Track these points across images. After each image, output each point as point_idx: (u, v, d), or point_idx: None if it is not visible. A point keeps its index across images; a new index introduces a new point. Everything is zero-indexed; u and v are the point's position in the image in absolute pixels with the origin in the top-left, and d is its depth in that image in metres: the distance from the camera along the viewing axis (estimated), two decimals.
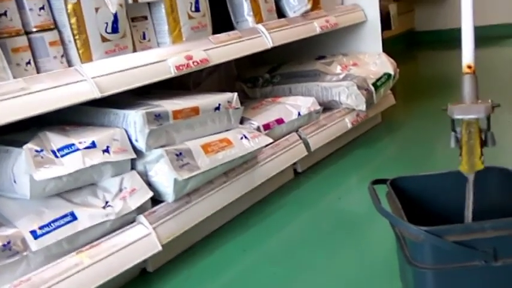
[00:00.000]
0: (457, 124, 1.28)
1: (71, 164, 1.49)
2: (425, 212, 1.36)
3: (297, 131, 2.34)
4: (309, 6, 2.51)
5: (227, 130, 1.94)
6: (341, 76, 2.62)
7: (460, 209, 1.36)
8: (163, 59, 1.77)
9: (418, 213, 1.28)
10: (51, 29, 1.57)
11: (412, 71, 4.45)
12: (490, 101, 1.31)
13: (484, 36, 5.17)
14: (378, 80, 2.69)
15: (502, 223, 1.13)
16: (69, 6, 1.59)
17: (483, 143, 1.27)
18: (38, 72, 1.55)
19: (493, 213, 1.33)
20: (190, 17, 1.96)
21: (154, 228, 1.62)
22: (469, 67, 1.38)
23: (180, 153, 1.70)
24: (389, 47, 3.00)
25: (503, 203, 1.34)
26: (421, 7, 5.63)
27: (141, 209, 1.64)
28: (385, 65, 2.83)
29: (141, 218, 1.62)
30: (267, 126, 2.19)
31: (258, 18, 2.28)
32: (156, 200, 1.71)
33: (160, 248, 1.60)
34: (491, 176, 1.38)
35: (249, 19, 2.27)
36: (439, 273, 1.14)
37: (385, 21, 4.51)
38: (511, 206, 1.30)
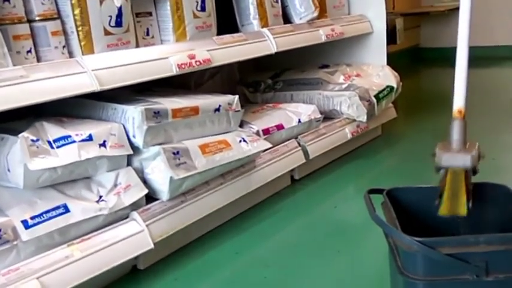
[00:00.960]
0: None
1: (66, 155, 1.48)
2: (420, 224, 1.35)
3: (296, 137, 2.33)
4: (316, 14, 2.51)
5: (226, 132, 1.93)
6: (343, 86, 2.62)
7: (454, 222, 1.35)
8: (165, 56, 1.77)
9: (412, 225, 1.27)
10: (54, 19, 1.57)
11: (415, 86, 4.45)
12: (477, 146, 1.35)
13: (486, 57, 5.20)
14: (380, 92, 2.69)
15: (496, 238, 1.12)
16: None
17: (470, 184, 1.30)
18: (38, 61, 1.54)
19: (487, 228, 1.32)
20: (195, 16, 1.96)
21: (147, 226, 1.60)
22: (460, 112, 1.40)
23: (178, 152, 1.69)
24: (394, 61, 3.00)
25: (499, 219, 1.33)
26: (427, 24, 5.64)
27: (135, 206, 1.63)
28: (388, 77, 2.82)
29: (135, 214, 1.61)
30: (266, 131, 2.18)
31: (264, 22, 2.28)
32: (151, 197, 1.70)
33: (152, 245, 1.59)
34: (488, 192, 1.38)
35: (254, 23, 2.27)
36: (430, 284, 1.12)
37: (391, 35, 4.51)
38: (507, 222, 1.29)
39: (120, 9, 1.68)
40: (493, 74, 4.87)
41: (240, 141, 1.91)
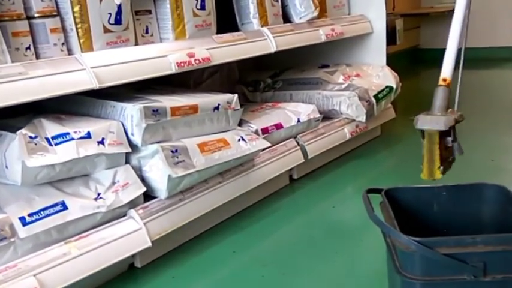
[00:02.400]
0: None
1: (65, 153, 1.47)
2: (418, 224, 1.35)
3: (295, 137, 2.33)
4: (316, 14, 2.51)
5: (225, 131, 1.93)
6: (343, 86, 2.62)
7: (453, 222, 1.35)
8: (165, 54, 1.77)
9: (410, 225, 1.27)
10: (53, 16, 1.57)
11: (415, 87, 4.44)
12: (458, 113, 1.36)
13: (488, 58, 5.20)
14: (379, 92, 2.69)
15: (494, 238, 1.11)
16: None
17: (449, 153, 1.32)
18: (37, 58, 1.54)
19: (485, 229, 1.32)
20: (195, 15, 1.96)
21: (145, 224, 1.60)
22: (444, 80, 1.45)
23: (176, 150, 1.69)
24: (393, 62, 2.99)
25: (498, 219, 1.33)
26: (427, 25, 5.64)
27: (133, 204, 1.62)
28: (387, 78, 2.82)
29: (133, 212, 1.61)
30: (265, 130, 2.18)
31: (264, 21, 2.27)
32: (149, 195, 1.69)
33: (150, 244, 1.59)
34: (487, 193, 1.38)
35: (254, 22, 2.27)
36: (427, 284, 1.12)
37: (391, 35, 4.51)
38: (505, 222, 1.29)
39: (119, 6, 1.68)
40: (494, 75, 4.88)
41: (239, 140, 1.91)
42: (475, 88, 4.36)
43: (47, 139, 1.47)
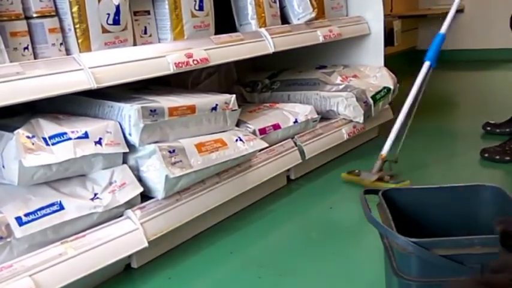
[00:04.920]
0: None
1: (62, 153, 1.47)
2: (415, 225, 1.35)
3: (292, 138, 2.33)
4: (314, 15, 2.51)
5: (223, 131, 1.93)
6: (340, 87, 2.62)
7: (450, 223, 1.35)
8: (163, 54, 1.77)
9: (408, 226, 1.27)
10: (51, 16, 1.56)
11: (411, 88, 4.44)
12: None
13: (485, 60, 5.21)
14: (377, 93, 2.69)
15: (491, 240, 1.11)
16: None
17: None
18: (36, 58, 1.54)
19: (483, 230, 1.32)
20: (193, 15, 1.96)
21: (141, 224, 1.60)
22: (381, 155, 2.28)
23: (173, 151, 1.69)
24: (391, 63, 3.00)
25: (495, 220, 1.33)
26: (424, 26, 5.65)
27: (129, 204, 1.62)
28: (385, 79, 2.83)
29: (129, 212, 1.61)
30: (262, 131, 2.18)
31: (262, 22, 2.28)
32: (146, 195, 1.69)
33: (146, 244, 1.59)
34: (484, 194, 1.38)
35: (252, 22, 2.27)
36: (424, 286, 1.12)
37: (389, 37, 4.51)
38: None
39: (118, 7, 1.68)
40: (489, 76, 4.89)
41: (237, 140, 1.91)
42: (469, 90, 4.37)
43: (44, 139, 1.47)
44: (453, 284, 0.86)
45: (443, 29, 2.38)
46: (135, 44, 1.81)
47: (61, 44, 1.59)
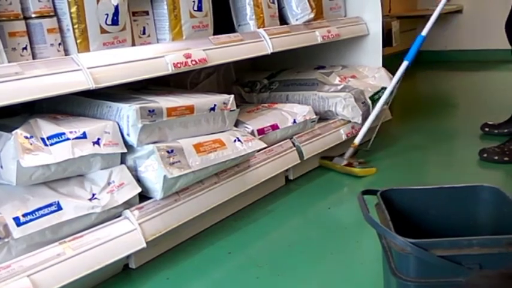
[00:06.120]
0: None
1: (60, 153, 1.47)
2: (414, 225, 1.35)
3: (291, 138, 2.33)
4: (312, 15, 2.51)
5: (221, 132, 1.93)
6: (339, 87, 2.62)
7: (448, 224, 1.35)
8: (161, 55, 1.77)
9: (406, 226, 1.27)
10: (50, 16, 1.56)
11: (410, 88, 4.45)
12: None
13: (484, 61, 5.21)
14: (375, 93, 2.69)
15: (489, 240, 1.11)
16: None
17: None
18: (34, 58, 1.54)
19: (481, 231, 1.33)
20: (192, 16, 1.96)
21: (140, 224, 1.60)
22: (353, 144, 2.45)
23: (172, 151, 1.69)
24: (389, 63, 3.00)
25: (493, 221, 1.33)
26: (422, 27, 5.64)
27: (128, 204, 1.62)
28: (383, 79, 2.83)
29: (128, 213, 1.61)
30: (261, 131, 2.18)
31: (260, 23, 2.28)
32: (144, 196, 1.69)
33: (144, 244, 1.59)
34: (482, 194, 1.38)
35: (251, 23, 2.27)
36: (422, 286, 1.12)
37: (387, 37, 4.52)
38: (500, 224, 1.29)
39: (116, 7, 1.68)
40: (486, 77, 4.90)
41: (235, 140, 1.91)
42: (468, 90, 4.38)
43: (43, 139, 1.47)
44: (476, 278, 0.86)
45: (425, 31, 2.50)
46: (133, 45, 1.81)
47: (60, 44, 1.59)
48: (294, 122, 2.33)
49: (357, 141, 2.46)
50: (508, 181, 2.31)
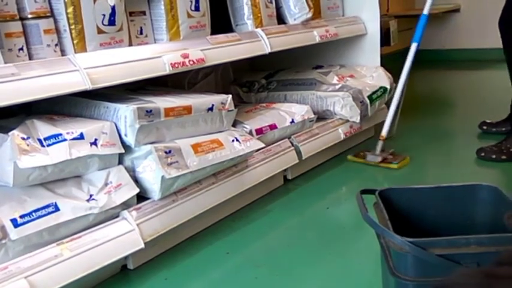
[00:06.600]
0: None
1: (57, 154, 1.47)
2: (412, 224, 1.35)
3: (289, 137, 2.33)
4: (310, 15, 2.51)
5: (219, 132, 1.92)
6: (337, 86, 2.62)
7: (446, 223, 1.35)
8: (159, 55, 1.76)
9: (404, 225, 1.27)
10: (46, 17, 1.56)
11: (408, 88, 4.43)
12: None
13: (481, 59, 5.21)
14: (373, 93, 2.69)
15: (487, 239, 1.11)
16: None
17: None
18: (31, 59, 1.53)
19: (479, 230, 1.32)
20: (189, 16, 1.95)
21: (138, 225, 1.60)
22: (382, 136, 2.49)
23: (170, 151, 1.68)
24: (387, 62, 3.00)
25: (491, 220, 1.33)
26: None
27: (126, 205, 1.62)
28: (381, 78, 2.83)
29: (125, 213, 1.61)
30: (259, 131, 2.17)
31: (258, 22, 2.27)
32: (142, 196, 1.69)
33: (143, 245, 1.58)
34: (480, 193, 1.38)
35: (248, 23, 2.26)
36: (421, 285, 1.12)
37: (385, 36, 4.51)
38: (497, 223, 1.29)
39: (113, 8, 1.67)
40: (488, 75, 4.90)
41: (233, 140, 1.90)
42: (465, 89, 4.38)
43: (39, 140, 1.46)
44: (457, 276, 0.86)
45: (426, 10, 2.65)
46: (130, 45, 1.80)
47: (56, 44, 1.59)
48: (292, 121, 2.33)
49: (384, 133, 2.53)
50: (505, 180, 2.31)
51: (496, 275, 0.79)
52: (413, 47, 2.62)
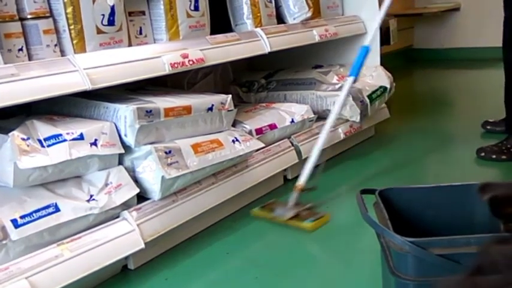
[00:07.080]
0: None
1: (57, 154, 1.47)
2: (412, 224, 1.35)
3: (289, 137, 2.33)
4: (309, 14, 2.51)
5: (219, 132, 1.92)
6: (337, 86, 2.61)
7: (447, 223, 1.35)
8: (158, 55, 1.76)
9: (404, 225, 1.27)
10: (46, 17, 1.56)
11: (408, 87, 4.45)
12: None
13: (481, 58, 5.21)
14: (373, 92, 2.69)
15: (487, 239, 1.11)
16: None
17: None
18: (30, 59, 1.53)
19: (479, 229, 1.32)
20: (189, 16, 1.95)
21: (138, 225, 1.60)
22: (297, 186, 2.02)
23: (169, 151, 1.68)
24: (387, 62, 3.00)
25: (491, 219, 1.33)
26: (420, 25, 5.65)
27: (126, 205, 1.62)
28: (381, 78, 2.82)
29: (126, 214, 1.61)
30: (259, 131, 2.18)
31: (257, 22, 2.27)
32: (142, 196, 1.69)
33: (143, 245, 1.58)
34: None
35: (248, 22, 2.26)
36: (421, 285, 1.12)
37: (385, 36, 4.52)
38: (497, 223, 1.28)
39: (112, 8, 1.67)
40: (487, 74, 4.90)
41: (233, 140, 1.91)
42: (465, 88, 4.38)
43: (39, 140, 1.46)
44: (442, 284, 0.86)
45: (368, 40, 2.24)
46: (130, 45, 1.80)
47: (56, 45, 1.59)
48: (292, 121, 2.33)
49: (301, 182, 1.99)
50: (506, 179, 2.30)
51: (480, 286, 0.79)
52: (350, 80, 2.15)
